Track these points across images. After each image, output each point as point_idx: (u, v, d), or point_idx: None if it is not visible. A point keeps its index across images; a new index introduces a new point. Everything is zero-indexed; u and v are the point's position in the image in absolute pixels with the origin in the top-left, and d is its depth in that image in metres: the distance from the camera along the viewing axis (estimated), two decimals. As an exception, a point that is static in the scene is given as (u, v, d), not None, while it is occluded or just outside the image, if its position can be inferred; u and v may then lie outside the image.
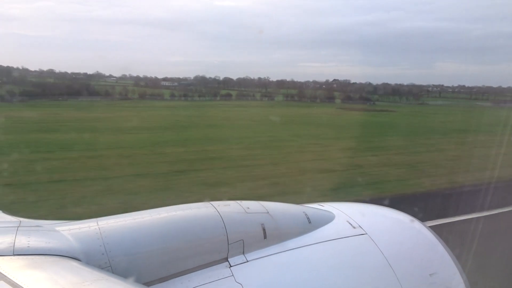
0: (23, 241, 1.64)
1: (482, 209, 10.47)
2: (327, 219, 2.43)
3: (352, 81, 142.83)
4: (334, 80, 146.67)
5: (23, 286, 1.30)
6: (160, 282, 1.79)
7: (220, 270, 1.90)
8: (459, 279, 2.36)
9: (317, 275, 2.06)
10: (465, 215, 10.33)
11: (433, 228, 2.64)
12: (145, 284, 1.74)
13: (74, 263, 1.58)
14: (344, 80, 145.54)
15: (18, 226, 1.85)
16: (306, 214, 2.33)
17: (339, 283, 2.08)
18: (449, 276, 2.37)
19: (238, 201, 2.25)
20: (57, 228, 1.84)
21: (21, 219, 2.17)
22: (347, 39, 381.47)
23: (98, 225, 1.86)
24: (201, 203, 2.19)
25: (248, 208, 2.18)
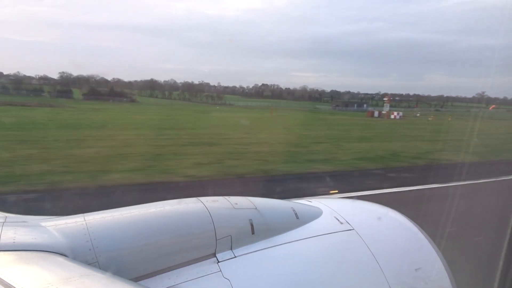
0: (8, 236, 1.62)
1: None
2: (315, 214, 2.43)
3: (284, 87, 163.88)
4: (263, 84, 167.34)
5: (8, 281, 1.28)
6: (148, 278, 1.78)
7: (208, 265, 1.90)
8: (444, 274, 2.39)
9: (304, 270, 2.07)
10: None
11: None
12: (132, 279, 1.72)
13: (61, 259, 1.56)
14: (271, 84, 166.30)
15: (3, 222, 1.83)
16: (294, 210, 2.34)
17: (326, 278, 2.10)
18: (434, 271, 2.40)
19: (226, 197, 2.25)
20: (43, 224, 1.82)
21: (7, 214, 2.13)
22: (335, 48, 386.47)
23: (85, 220, 1.84)
24: (189, 199, 2.18)
25: (236, 203, 2.17)
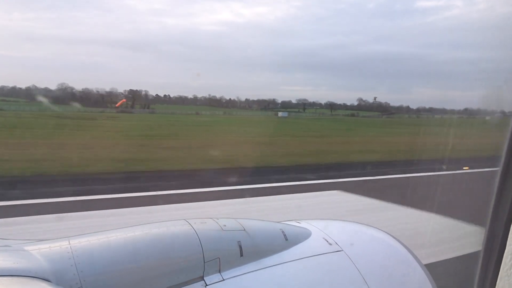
0: None
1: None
2: (304, 236, 2.42)
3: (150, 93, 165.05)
4: (131, 90, 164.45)
5: None
6: None
7: None
8: None
9: None
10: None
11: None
12: None
13: (43, 284, 1.50)
14: (139, 89, 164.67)
15: None
16: (283, 231, 2.32)
17: None
18: None
19: (215, 218, 2.22)
20: (26, 248, 1.76)
21: None
22: (315, 62, 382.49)
23: (69, 244, 1.79)
24: (176, 221, 2.14)
25: (225, 225, 2.14)
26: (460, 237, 9.07)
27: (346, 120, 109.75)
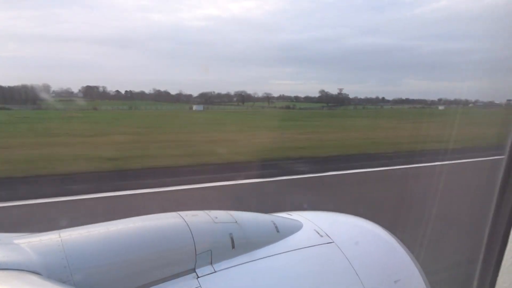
0: None
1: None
2: (295, 228, 2.43)
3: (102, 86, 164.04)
4: (88, 86, 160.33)
5: None
6: None
7: (188, 281, 1.86)
8: (422, 285, 2.40)
9: (284, 284, 2.06)
10: None
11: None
12: None
13: (34, 277, 1.50)
14: (97, 85, 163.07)
15: None
16: (274, 223, 2.33)
17: None
18: (412, 283, 2.42)
19: (207, 211, 2.23)
20: (16, 241, 1.75)
21: None
22: (304, 55, 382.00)
23: (60, 237, 1.79)
24: (168, 213, 2.14)
25: (216, 217, 2.15)
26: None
27: (268, 112, 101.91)
